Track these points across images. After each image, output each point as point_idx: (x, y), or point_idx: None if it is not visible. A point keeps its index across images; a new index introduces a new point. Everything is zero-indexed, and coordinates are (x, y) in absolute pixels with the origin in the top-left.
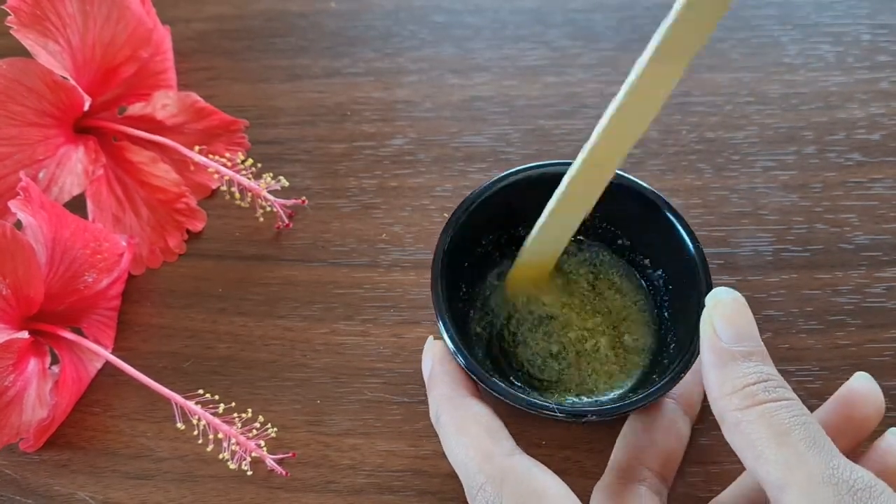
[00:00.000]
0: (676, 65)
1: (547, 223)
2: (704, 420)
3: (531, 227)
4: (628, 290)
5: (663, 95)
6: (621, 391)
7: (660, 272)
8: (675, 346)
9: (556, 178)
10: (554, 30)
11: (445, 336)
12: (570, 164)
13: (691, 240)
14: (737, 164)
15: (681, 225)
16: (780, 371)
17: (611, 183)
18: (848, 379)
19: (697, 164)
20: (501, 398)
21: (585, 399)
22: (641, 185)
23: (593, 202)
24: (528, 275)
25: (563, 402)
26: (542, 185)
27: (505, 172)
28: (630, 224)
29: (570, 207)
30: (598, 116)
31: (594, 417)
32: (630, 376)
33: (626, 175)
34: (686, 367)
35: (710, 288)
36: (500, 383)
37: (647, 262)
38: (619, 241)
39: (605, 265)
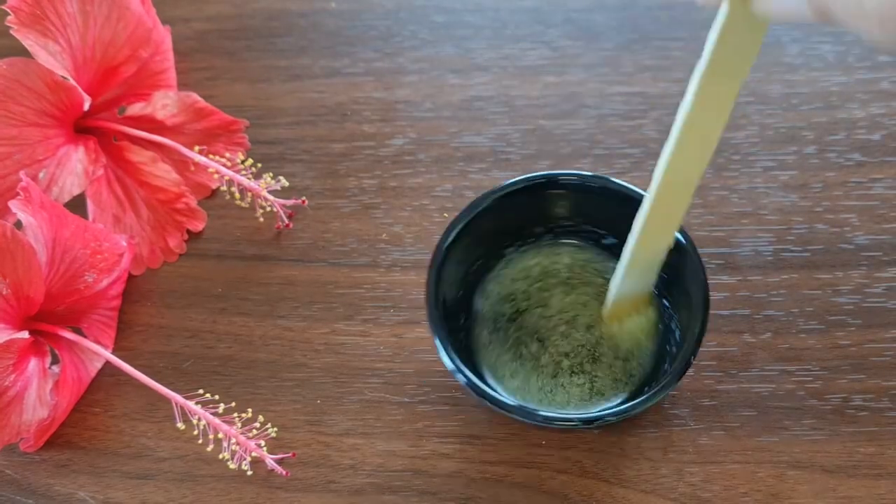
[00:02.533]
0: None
1: (632, 260)
2: (704, 420)
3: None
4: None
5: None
6: (626, 394)
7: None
8: (679, 332)
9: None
10: (554, 29)
11: (444, 356)
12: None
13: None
14: (737, 164)
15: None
16: (779, 371)
17: (594, 187)
18: (848, 379)
19: None
20: (515, 416)
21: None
22: (626, 186)
23: (676, 227)
24: (625, 307)
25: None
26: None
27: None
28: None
29: (653, 239)
30: (599, 116)
31: (611, 419)
32: (634, 378)
33: (611, 178)
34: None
35: (704, 273)
36: (509, 401)
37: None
38: (605, 241)
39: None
